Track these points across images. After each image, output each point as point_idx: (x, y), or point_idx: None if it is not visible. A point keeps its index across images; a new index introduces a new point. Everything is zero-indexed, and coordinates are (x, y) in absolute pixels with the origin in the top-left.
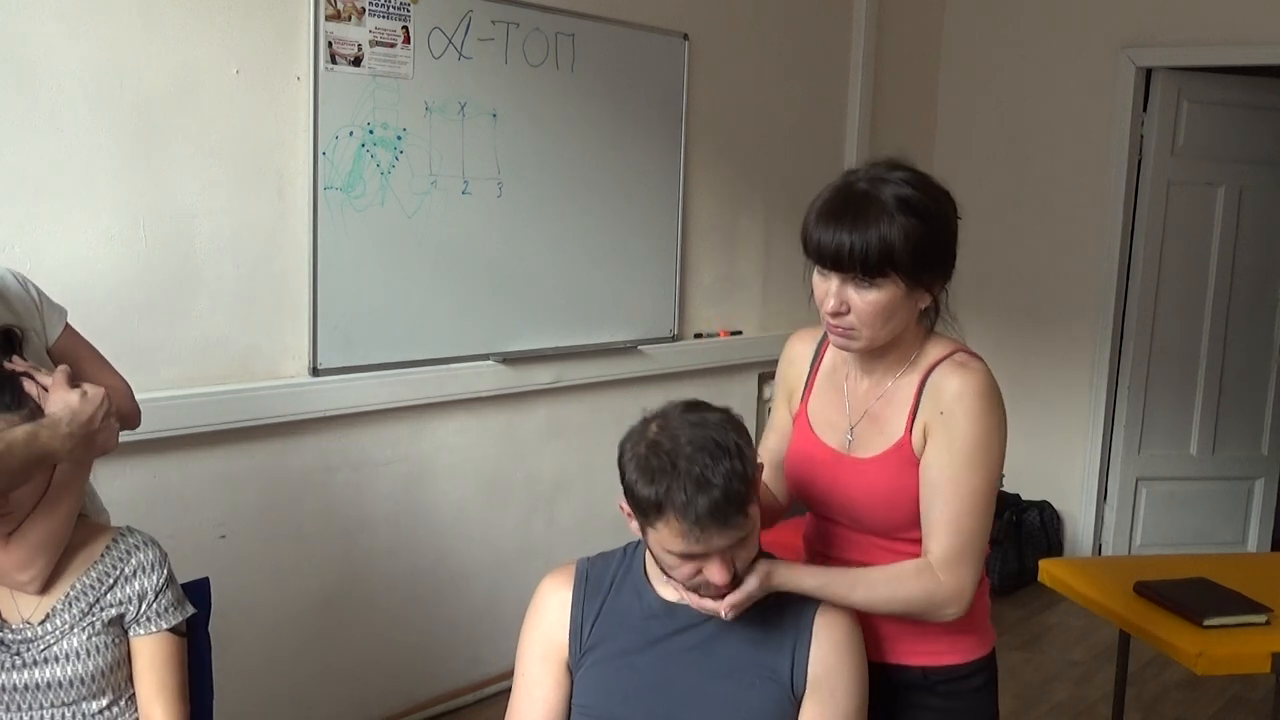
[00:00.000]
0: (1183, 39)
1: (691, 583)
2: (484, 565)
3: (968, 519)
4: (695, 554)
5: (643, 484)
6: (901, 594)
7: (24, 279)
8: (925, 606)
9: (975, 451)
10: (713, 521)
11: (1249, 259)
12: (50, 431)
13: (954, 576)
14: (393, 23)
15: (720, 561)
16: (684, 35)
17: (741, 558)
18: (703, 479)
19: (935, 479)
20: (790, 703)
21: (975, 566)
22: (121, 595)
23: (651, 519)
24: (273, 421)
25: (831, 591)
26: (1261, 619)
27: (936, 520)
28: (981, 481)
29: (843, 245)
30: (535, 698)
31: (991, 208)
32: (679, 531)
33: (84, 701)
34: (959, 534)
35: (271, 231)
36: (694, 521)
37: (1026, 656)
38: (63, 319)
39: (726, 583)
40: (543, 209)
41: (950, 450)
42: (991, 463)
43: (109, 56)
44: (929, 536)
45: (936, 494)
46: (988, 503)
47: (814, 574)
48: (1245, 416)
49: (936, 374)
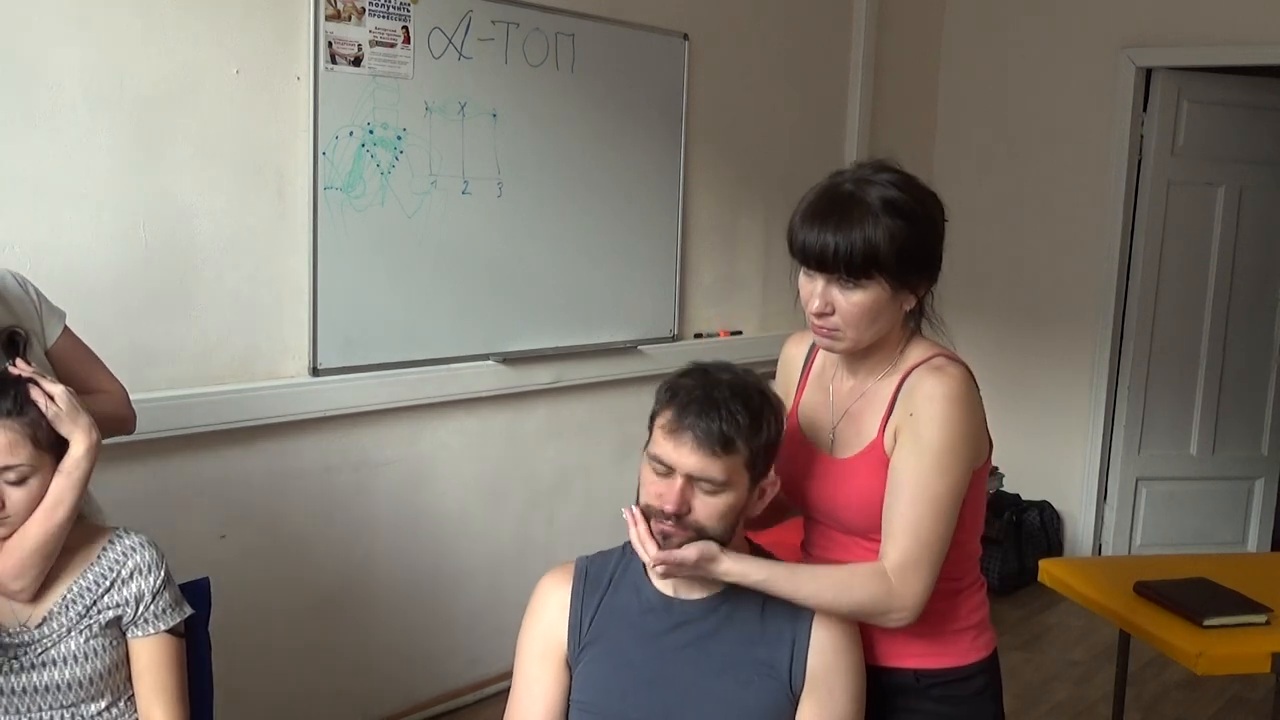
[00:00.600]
0: (1183, 39)
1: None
2: (484, 565)
3: (927, 524)
4: (665, 464)
5: (666, 388)
6: (848, 596)
7: (24, 280)
8: (873, 610)
9: (941, 455)
10: (693, 432)
11: (1249, 259)
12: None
13: (906, 583)
14: (393, 23)
15: (680, 486)
16: (684, 35)
17: (705, 511)
18: (716, 402)
19: (899, 481)
20: (788, 700)
21: (931, 573)
22: (119, 597)
23: (655, 417)
24: (273, 421)
25: (777, 586)
26: (1261, 619)
27: (896, 523)
28: (945, 487)
29: (827, 246)
30: (534, 694)
31: (991, 207)
32: (664, 424)
33: (83, 704)
34: (917, 540)
35: (271, 231)
36: (678, 416)
37: (1026, 656)
38: (61, 322)
39: (672, 508)
40: (543, 209)
41: (917, 453)
42: (956, 469)
43: (109, 56)
44: (886, 539)
45: (899, 496)
46: (949, 510)
47: (761, 567)
48: (1245, 416)
49: (913, 377)
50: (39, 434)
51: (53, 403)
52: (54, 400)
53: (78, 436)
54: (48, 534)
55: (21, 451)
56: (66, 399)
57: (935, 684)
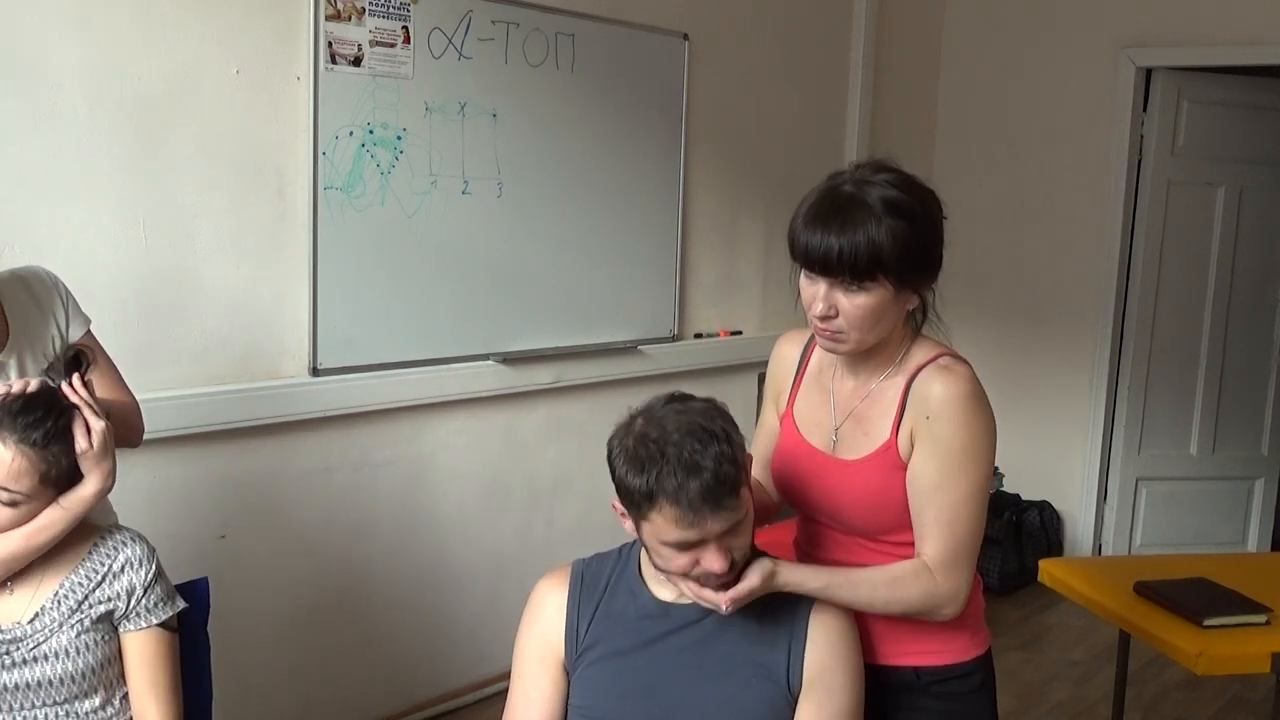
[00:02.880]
0: (1183, 39)
1: (692, 574)
2: (484, 565)
3: (961, 522)
4: (691, 542)
5: (633, 475)
6: (902, 595)
7: (55, 279)
8: (924, 608)
9: (964, 456)
10: (705, 504)
11: (1249, 259)
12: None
13: (950, 578)
14: (393, 23)
15: (717, 549)
16: (684, 35)
17: (737, 546)
18: (692, 463)
19: (925, 485)
20: (786, 701)
21: (969, 567)
22: (110, 591)
23: (645, 510)
24: (273, 421)
25: (835, 593)
26: (1261, 619)
27: (930, 524)
28: (971, 485)
29: (830, 249)
30: (532, 699)
31: (991, 207)
32: (673, 518)
33: (75, 700)
34: (953, 537)
35: (271, 231)
36: (687, 505)
37: (1026, 656)
38: (86, 325)
39: (724, 570)
40: (543, 209)
41: (938, 455)
42: (980, 465)
43: (109, 56)
44: (923, 540)
45: (927, 500)
46: (980, 505)
47: (818, 575)
48: (1245, 416)
49: (922, 378)
50: (51, 471)
51: (88, 439)
52: (90, 436)
53: (94, 478)
54: (22, 552)
55: (25, 481)
56: (101, 440)
57: (935, 681)
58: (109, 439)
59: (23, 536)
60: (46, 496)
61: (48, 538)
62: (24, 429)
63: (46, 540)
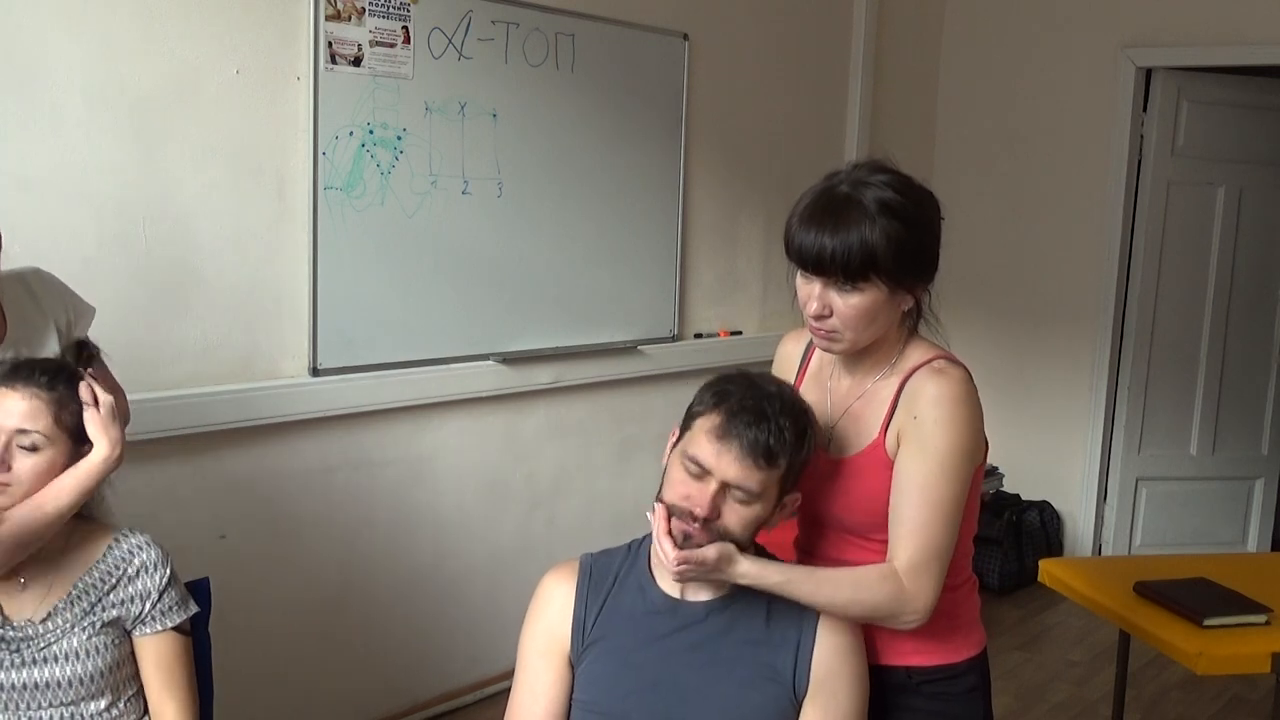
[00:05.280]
0: (1183, 39)
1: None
2: (484, 565)
3: (935, 527)
4: (706, 468)
5: (712, 389)
6: (865, 598)
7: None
8: (887, 612)
9: (948, 459)
10: (740, 440)
11: (1249, 259)
12: None
13: (918, 584)
14: (393, 23)
15: (714, 491)
16: (684, 35)
17: (733, 517)
18: (767, 415)
19: (906, 484)
20: (791, 703)
21: (940, 575)
22: (124, 595)
23: (697, 415)
24: (273, 421)
25: (796, 589)
26: (1261, 619)
27: (904, 526)
28: (951, 490)
29: (824, 249)
30: (536, 692)
31: (991, 207)
32: (712, 428)
33: (83, 702)
34: (926, 542)
35: (271, 231)
36: (727, 422)
37: (1026, 656)
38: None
39: (704, 513)
40: (543, 209)
41: (923, 456)
42: (963, 471)
43: (109, 56)
44: (895, 542)
45: (906, 500)
46: (956, 511)
47: (781, 570)
48: (1245, 416)
49: (915, 379)
50: (63, 414)
51: (94, 406)
52: (97, 404)
53: (103, 444)
54: (32, 522)
55: (41, 420)
56: (108, 408)
57: (927, 681)
58: (115, 410)
59: (31, 508)
60: (64, 447)
61: (56, 509)
62: (30, 375)
63: (55, 510)
